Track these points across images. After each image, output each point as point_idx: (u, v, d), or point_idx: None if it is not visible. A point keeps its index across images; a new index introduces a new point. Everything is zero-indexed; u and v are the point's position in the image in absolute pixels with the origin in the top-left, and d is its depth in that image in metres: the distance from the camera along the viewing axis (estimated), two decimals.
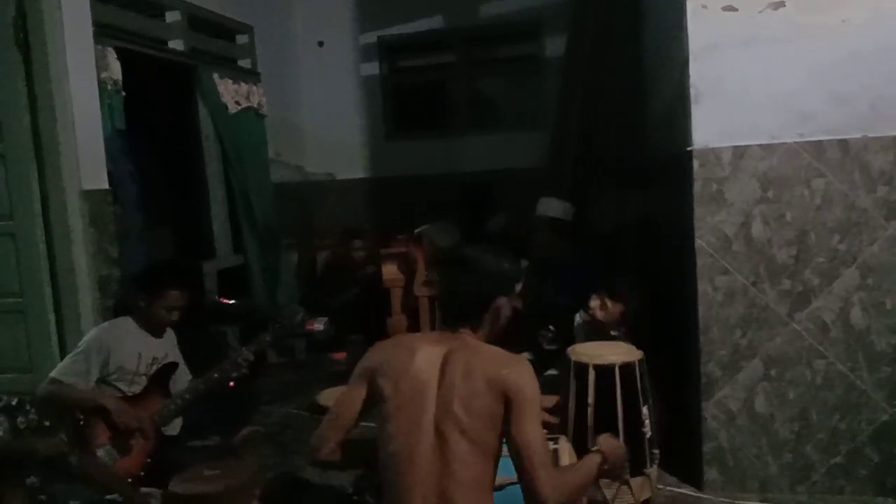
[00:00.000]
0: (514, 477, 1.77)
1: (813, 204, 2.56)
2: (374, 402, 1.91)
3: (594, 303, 3.09)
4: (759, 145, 2.58)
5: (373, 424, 1.91)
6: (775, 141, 2.57)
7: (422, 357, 1.86)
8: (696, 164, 2.64)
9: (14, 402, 2.36)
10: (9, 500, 1.82)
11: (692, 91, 2.62)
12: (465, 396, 1.77)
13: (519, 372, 1.79)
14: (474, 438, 1.76)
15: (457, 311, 1.95)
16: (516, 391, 1.75)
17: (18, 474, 1.92)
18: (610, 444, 1.99)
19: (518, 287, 2.04)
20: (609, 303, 3.06)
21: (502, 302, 1.95)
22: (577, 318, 3.59)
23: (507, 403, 1.75)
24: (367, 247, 5.09)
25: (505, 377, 1.77)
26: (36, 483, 2.24)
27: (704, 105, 2.62)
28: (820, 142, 2.54)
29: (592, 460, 1.90)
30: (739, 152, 2.60)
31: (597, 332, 3.10)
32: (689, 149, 2.65)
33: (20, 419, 2.35)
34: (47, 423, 2.41)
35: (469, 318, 1.93)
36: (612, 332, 3.04)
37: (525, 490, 1.73)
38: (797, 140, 2.55)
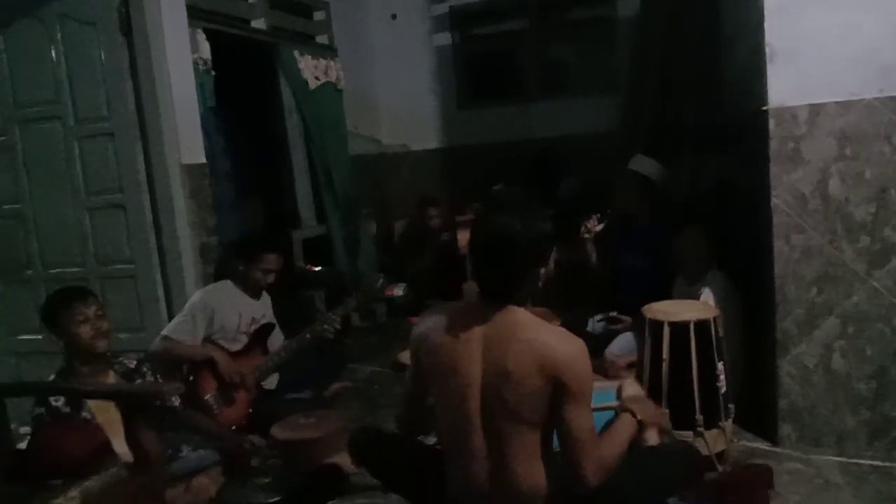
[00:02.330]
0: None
1: (893, 160, 2.53)
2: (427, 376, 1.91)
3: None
4: (836, 102, 2.56)
5: None
6: (853, 97, 2.54)
7: (463, 334, 1.81)
8: (772, 123, 2.64)
9: (133, 366, 2.64)
10: (143, 440, 2.06)
11: (767, 50, 2.61)
12: (511, 377, 1.73)
13: (571, 356, 1.72)
14: (521, 415, 1.74)
15: (492, 288, 1.84)
16: (567, 377, 1.70)
17: (149, 416, 2.16)
18: (633, 399, 2.00)
19: (552, 249, 1.90)
20: (687, 229, 3.14)
21: (539, 272, 1.83)
22: (591, 324, 3.64)
23: (557, 387, 1.71)
24: (443, 214, 5.23)
25: (555, 361, 1.71)
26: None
27: (779, 64, 2.60)
28: None
29: (625, 422, 1.92)
30: (816, 110, 2.58)
31: (686, 270, 3.18)
32: (764, 108, 2.65)
33: (138, 381, 2.63)
34: (156, 379, 2.69)
35: (504, 291, 1.81)
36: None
37: (568, 470, 1.75)
38: (876, 96, 2.52)
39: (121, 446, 2.23)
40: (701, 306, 2.73)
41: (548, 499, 1.82)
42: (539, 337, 1.75)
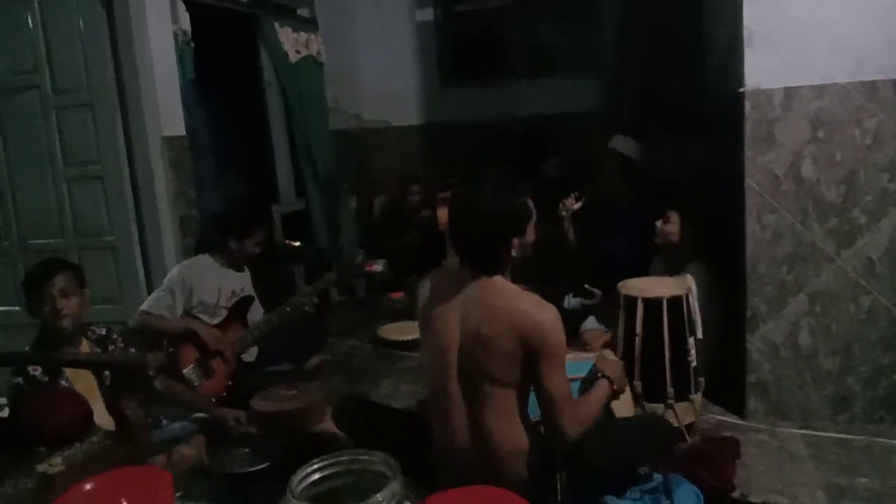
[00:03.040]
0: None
1: (863, 144, 2.61)
2: None
3: (658, 222, 3.14)
4: (811, 86, 2.62)
5: None
6: (827, 81, 2.61)
7: (445, 297, 1.94)
8: (747, 105, 2.69)
9: (104, 332, 2.65)
10: (125, 410, 2.08)
11: (745, 33, 2.65)
12: (485, 339, 1.84)
13: (543, 321, 1.81)
14: (494, 376, 1.86)
15: (469, 257, 1.95)
16: (541, 342, 1.80)
17: (133, 384, 2.18)
18: (611, 366, 2.13)
19: (530, 220, 1.98)
20: (669, 214, 3.13)
21: (514, 242, 1.93)
22: (567, 301, 3.69)
23: (532, 352, 1.81)
24: (423, 191, 5.26)
25: (529, 327, 1.80)
26: None
27: (757, 47, 2.65)
28: (873, 82, 2.56)
29: (602, 387, 2.05)
30: (791, 93, 2.64)
31: (668, 261, 3.19)
32: (741, 90, 2.71)
33: (111, 347, 2.64)
34: (133, 350, 2.70)
35: (481, 265, 1.92)
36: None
37: (548, 430, 1.87)
38: (849, 80, 2.58)
39: (98, 414, 2.26)
40: (674, 283, 2.80)
41: (528, 458, 1.91)
42: (512, 303, 1.85)
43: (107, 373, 2.41)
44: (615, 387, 2.09)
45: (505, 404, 1.89)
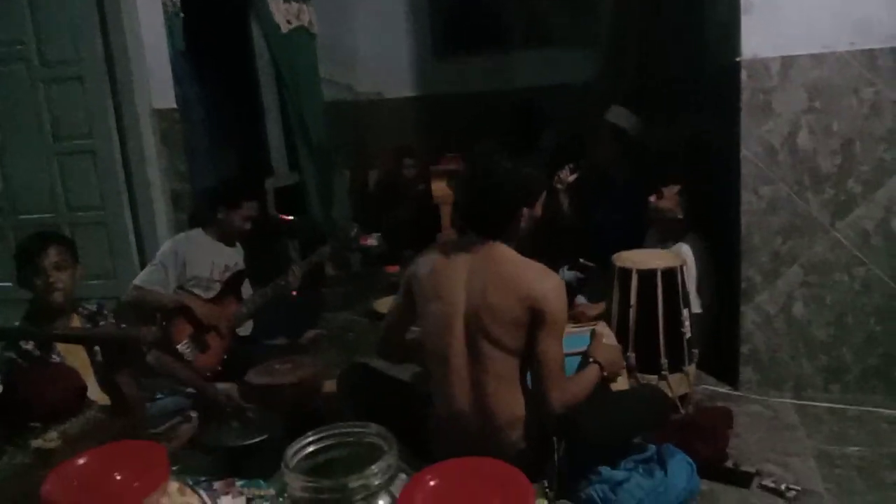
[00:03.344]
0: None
1: (861, 113, 2.59)
2: (415, 307, 2.07)
3: (651, 197, 3.11)
4: (809, 55, 2.59)
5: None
6: (826, 50, 2.58)
7: (450, 267, 1.96)
8: (744, 74, 2.66)
9: (94, 308, 2.64)
10: (121, 384, 2.08)
11: (743, 1, 2.62)
12: (492, 306, 1.87)
13: (548, 289, 1.86)
14: (500, 342, 1.89)
15: (479, 224, 1.97)
16: (543, 308, 1.84)
17: (127, 359, 2.18)
18: (604, 352, 2.15)
19: (542, 192, 2.04)
20: (664, 190, 3.09)
21: (524, 212, 1.97)
22: (561, 273, 3.65)
23: (534, 317, 1.85)
24: (418, 164, 5.22)
25: (534, 294, 1.84)
26: None
27: (755, 15, 2.62)
28: (871, 50, 2.54)
29: (593, 370, 2.07)
30: (788, 62, 2.62)
31: (663, 233, 3.17)
32: (737, 59, 2.68)
33: (101, 323, 2.63)
34: (124, 326, 2.69)
35: (489, 228, 1.96)
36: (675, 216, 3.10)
37: (536, 395, 1.90)
38: (848, 49, 2.55)
39: (91, 388, 2.26)
40: (668, 255, 2.80)
41: (525, 427, 1.96)
42: (519, 270, 1.90)
43: (97, 348, 2.40)
44: (605, 373, 2.10)
45: (506, 371, 1.92)
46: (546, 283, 1.88)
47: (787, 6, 2.59)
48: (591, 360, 2.12)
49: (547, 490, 1.94)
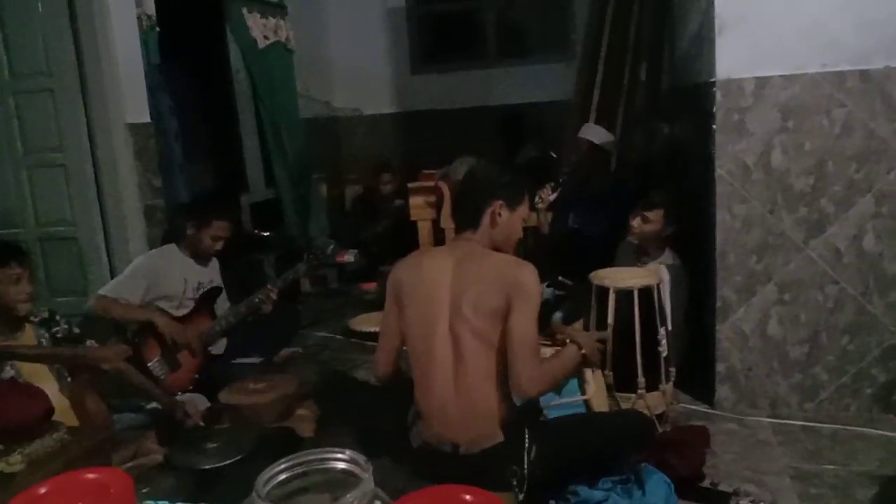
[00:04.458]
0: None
1: (832, 133, 2.62)
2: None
3: (634, 220, 3.12)
4: (782, 76, 2.63)
5: None
6: (798, 71, 2.62)
7: (434, 265, 2.05)
8: (718, 94, 2.69)
9: (46, 315, 2.58)
10: (86, 400, 2.03)
11: (716, 22, 2.65)
12: (473, 297, 1.95)
13: (522, 272, 1.96)
14: (482, 335, 1.95)
15: (458, 213, 2.13)
16: (518, 288, 1.92)
17: (93, 377, 2.12)
18: (584, 336, 2.23)
19: (520, 198, 2.13)
20: (649, 214, 3.09)
21: (498, 205, 2.06)
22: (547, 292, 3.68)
23: (509, 300, 1.92)
24: (395, 180, 5.21)
25: (509, 275, 1.95)
26: None
27: (728, 36, 2.65)
28: (841, 72, 2.58)
29: (570, 350, 2.12)
30: (762, 83, 2.65)
31: (641, 250, 3.18)
32: (712, 80, 2.71)
33: (55, 329, 2.57)
34: (77, 331, 2.62)
35: (468, 219, 2.09)
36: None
37: (510, 376, 1.94)
38: (819, 70, 2.59)
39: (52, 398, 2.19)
40: (644, 273, 2.81)
41: (502, 423, 1.98)
42: (498, 262, 2.03)
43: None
44: (583, 351, 2.13)
45: (487, 365, 1.96)
46: (521, 268, 1.98)
47: (759, 28, 2.63)
48: (568, 340, 2.17)
49: (517, 494, 1.93)
